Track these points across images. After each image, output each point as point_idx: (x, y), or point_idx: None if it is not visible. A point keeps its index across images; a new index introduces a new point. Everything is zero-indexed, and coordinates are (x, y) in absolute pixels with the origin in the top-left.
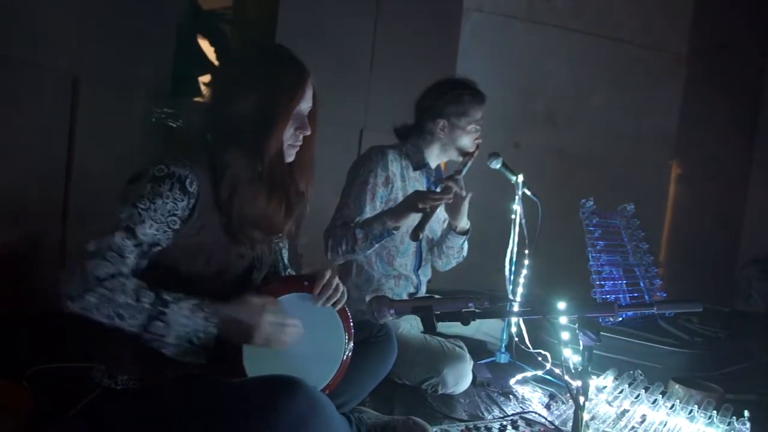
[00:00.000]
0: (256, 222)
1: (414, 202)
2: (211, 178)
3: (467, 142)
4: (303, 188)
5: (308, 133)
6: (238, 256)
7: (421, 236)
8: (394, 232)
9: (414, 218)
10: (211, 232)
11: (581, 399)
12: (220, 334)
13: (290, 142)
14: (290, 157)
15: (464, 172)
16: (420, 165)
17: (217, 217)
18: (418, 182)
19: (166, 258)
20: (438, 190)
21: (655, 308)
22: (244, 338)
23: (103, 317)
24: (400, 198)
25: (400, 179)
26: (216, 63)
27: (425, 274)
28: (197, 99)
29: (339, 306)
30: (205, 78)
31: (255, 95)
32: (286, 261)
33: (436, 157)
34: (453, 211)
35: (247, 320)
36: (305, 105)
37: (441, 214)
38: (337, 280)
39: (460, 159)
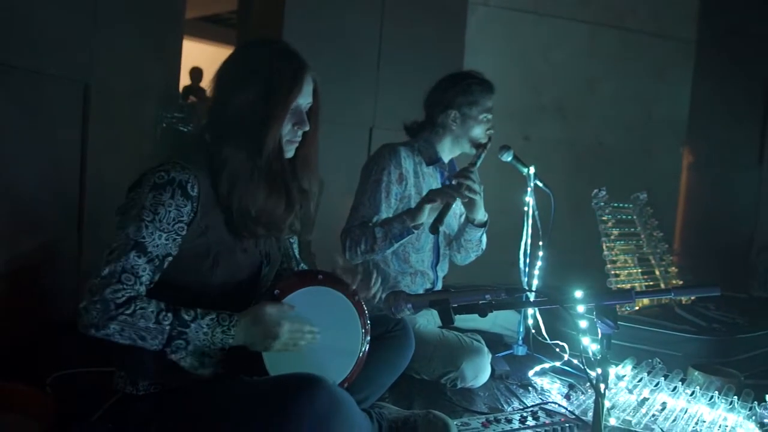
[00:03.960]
0: (257, 217)
1: (429, 196)
2: (211, 178)
3: (479, 132)
4: (306, 186)
5: (307, 128)
6: (243, 252)
7: (440, 228)
8: (414, 231)
9: (432, 216)
10: (215, 231)
11: (601, 387)
12: (238, 345)
13: (288, 137)
14: (289, 152)
15: (478, 164)
16: (433, 160)
17: (219, 216)
18: (432, 177)
19: (175, 263)
20: (453, 183)
21: (673, 293)
22: (263, 347)
23: (126, 340)
24: (413, 194)
25: (414, 175)
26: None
27: (443, 270)
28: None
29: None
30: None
31: (252, 90)
32: (297, 256)
33: (448, 151)
34: (469, 204)
35: (265, 331)
36: (303, 100)
37: (457, 208)
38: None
39: (474, 152)
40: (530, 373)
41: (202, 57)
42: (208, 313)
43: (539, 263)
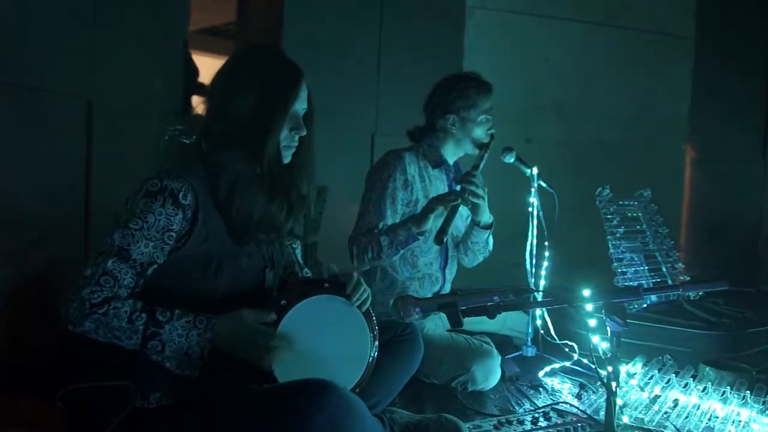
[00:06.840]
0: (258, 222)
1: (432, 204)
2: (209, 185)
3: (480, 133)
4: (305, 191)
5: (304, 133)
6: (248, 257)
7: (444, 239)
8: (419, 237)
9: (437, 221)
10: (217, 238)
11: (613, 385)
12: (214, 348)
13: (286, 143)
14: (287, 158)
15: (481, 166)
16: (438, 163)
17: (220, 222)
18: (438, 180)
19: (179, 272)
20: (457, 189)
21: (681, 289)
22: (237, 354)
23: (103, 338)
24: (421, 198)
25: (420, 180)
26: None
27: (451, 272)
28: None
29: (365, 307)
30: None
31: (252, 96)
32: (300, 261)
33: (452, 153)
34: (474, 207)
35: (238, 339)
36: (300, 106)
37: (464, 210)
38: (363, 283)
39: (477, 152)
40: (540, 373)
41: (201, 69)
42: (184, 314)
43: (545, 263)
